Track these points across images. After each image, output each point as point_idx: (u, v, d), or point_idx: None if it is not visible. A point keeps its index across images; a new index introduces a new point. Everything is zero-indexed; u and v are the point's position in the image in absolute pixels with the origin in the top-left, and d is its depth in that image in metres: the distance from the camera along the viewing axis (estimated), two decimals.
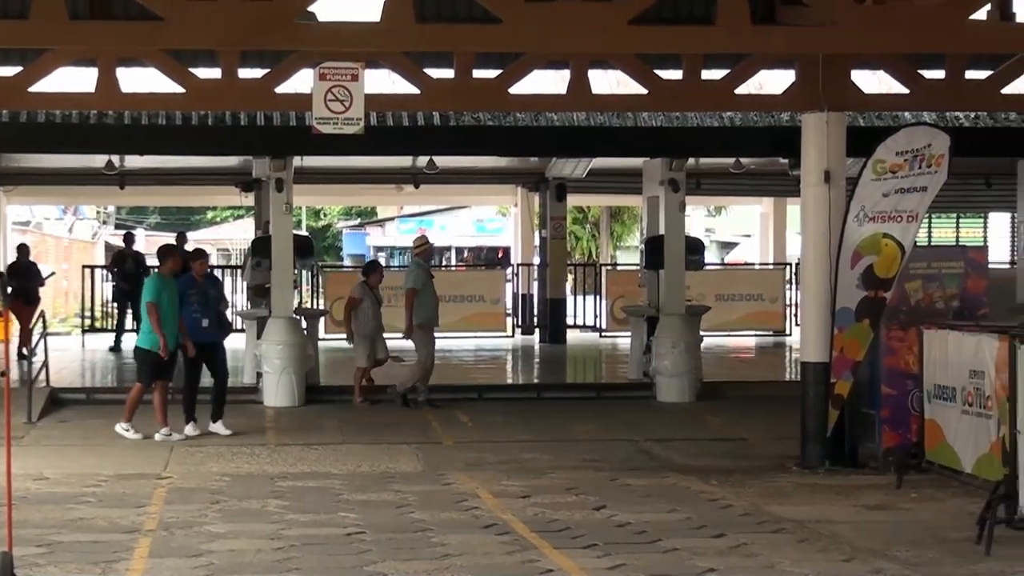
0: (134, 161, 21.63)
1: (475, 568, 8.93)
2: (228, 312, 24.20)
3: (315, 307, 22.85)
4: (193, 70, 13.24)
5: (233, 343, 21.44)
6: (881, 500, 11.17)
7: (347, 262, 48.61)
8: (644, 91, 13.36)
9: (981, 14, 11.92)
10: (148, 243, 46.04)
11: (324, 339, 21.05)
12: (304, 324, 17.59)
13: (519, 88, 13.41)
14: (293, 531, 10.00)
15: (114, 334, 23.08)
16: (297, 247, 17.56)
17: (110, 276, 24.05)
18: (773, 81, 14.78)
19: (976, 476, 10.84)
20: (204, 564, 9.02)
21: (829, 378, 12.57)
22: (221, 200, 35.54)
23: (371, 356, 17.05)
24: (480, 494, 11.41)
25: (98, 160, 21.33)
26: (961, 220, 33.11)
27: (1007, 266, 24.09)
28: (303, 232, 33.59)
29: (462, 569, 8.89)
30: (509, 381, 20.53)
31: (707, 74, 13.44)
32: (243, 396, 17.17)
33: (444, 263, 47.81)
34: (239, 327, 19.97)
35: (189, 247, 20.36)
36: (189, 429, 14.38)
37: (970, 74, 13.33)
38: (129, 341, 22.56)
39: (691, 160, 19.44)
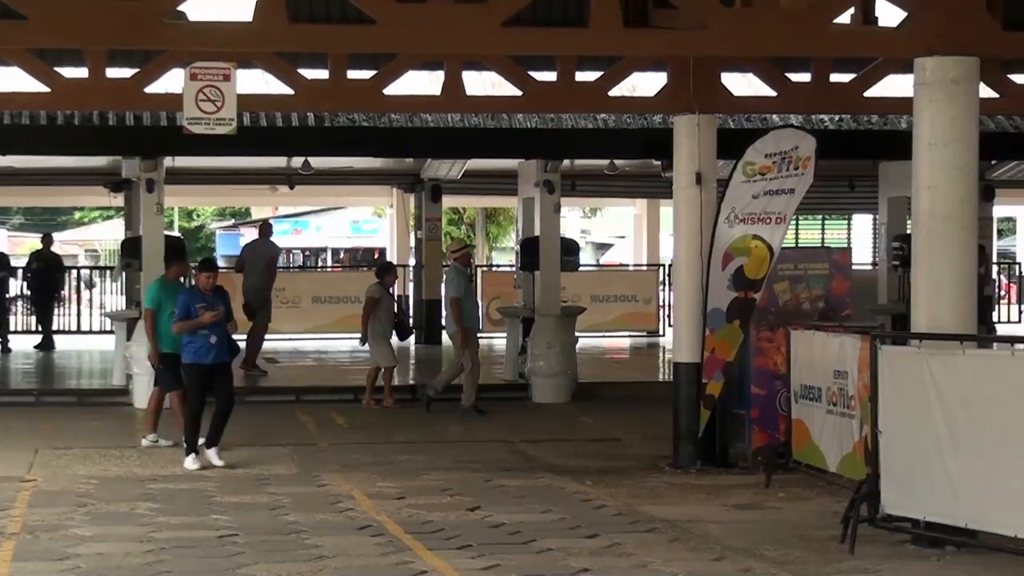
0: None
1: (349, 570, 8.91)
2: (96, 312, 23.68)
3: None
4: (59, 69, 13.00)
5: (104, 344, 21.23)
6: (750, 499, 11.33)
7: (221, 263, 48.01)
8: (518, 92, 13.43)
9: (845, 18, 12.15)
10: (12, 244, 45.06)
11: None
12: None
13: (393, 89, 13.39)
14: (163, 534, 9.88)
15: None
16: (169, 248, 17.33)
17: None
18: (646, 83, 14.95)
19: (841, 475, 11.01)
20: (70, 567, 8.88)
21: (701, 378, 12.72)
22: (89, 200, 34.95)
23: (393, 355, 16.83)
24: (355, 495, 11.38)
25: None
26: (826, 222, 33.79)
27: (869, 267, 24.57)
28: (175, 233, 33.18)
29: (336, 571, 8.86)
30: None
31: (581, 76, 13.54)
32: (113, 398, 16.96)
33: (320, 264, 47.58)
34: (109, 328, 19.67)
35: (58, 248, 20.02)
36: (189, 462, 12.74)
37: (835, 77, 13.60)
38: None
39: (566, 162, 19.55)
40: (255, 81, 14.04)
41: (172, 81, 12.89)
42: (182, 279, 14.18)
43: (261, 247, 20.52)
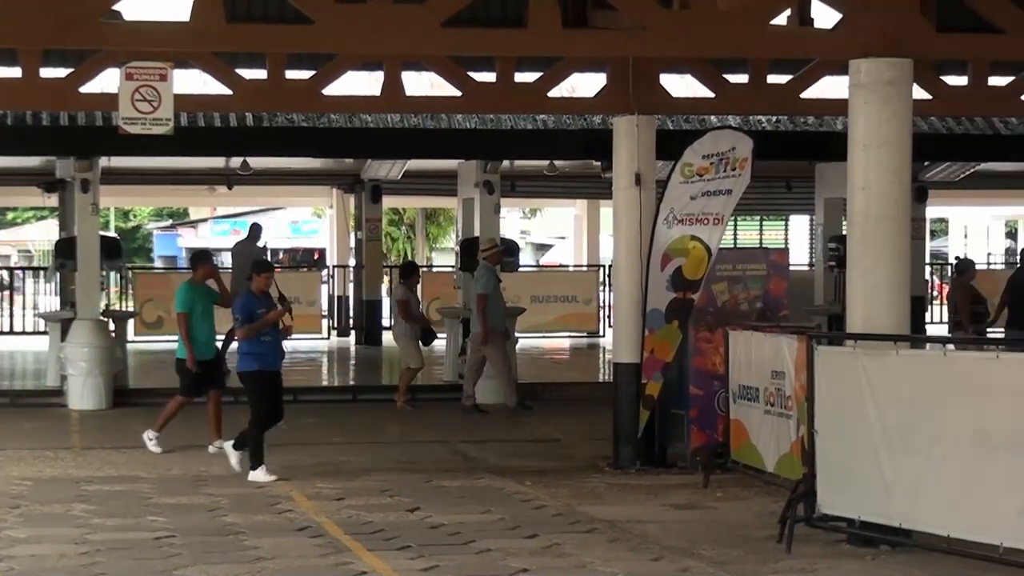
0: None
1: (288, 571, 8.87)
2: (28, 313, 23.36)
3: (124, 309, 22.44)
4: None
5: (37, 345, 21.03)
6: (689, 499, 11.38)
7: (158, 264, 47.76)
8: (458, 93, 13.43)
9: (782, 19, 12.23)
10: None
11: (133, 341, 20.65)
12: (112, 326, 17.30)
13: (333, 89, 13.35)
14: (99, 535, 9.80)
15: None
16: (105, 249, 17.25)
17: None
18: (585, 84, 14.99)
19: (778, 475, 11.05)
20: (4, 570, 8.78)
21: (640, 379, 12.77)
22: (22, 201, 34.57)
23: (421, 356, 16.84)
24: (294, 496, 11.33)
25: None
26: (764, 223, 34.03)
27: (806, 268, 24.76)
28: (111, 233, 32.94)
29: (275, 572, 8.83)
30: (324, 383, 20.40)
31: (520, 77, 13.57)
32: (47, 399, 16.81)
33: None
34: (42, 328, 19.46)
35: None
36: (261, 474, 12.08)
37: (771, 78, 13.69)
38: None
39: (505, 162, 19.59)
40: (192, 81, 13.95)
41: (108, 81, 12.78)
42: (209, 282, 13.84)
43: (245, 248, 20.48)
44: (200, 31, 10.56)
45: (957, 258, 20.95)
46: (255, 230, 21.21)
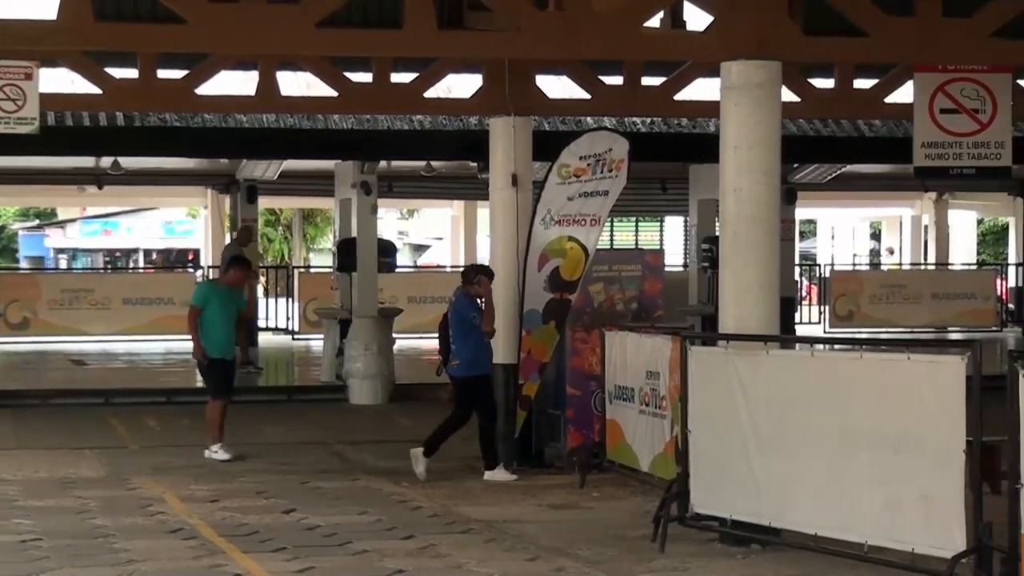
0: None
1: (160, 573, 8.76)
2: None
3: None
4: None
5: None
6: (565, 499, 11.43)
7: (24, 264, 46.81)
8: (334, 93, 13.37)
9: (655, 22, 12.33)
10: None
11: None
12: None
13: (206, 89, 13.21)
14: None
15: None
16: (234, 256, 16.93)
17: None
18: (462, 85, 15.02)
19: (653, 475, 11.17)
20: None
21: (517, 379, 12.81)
22: None
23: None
24: (167, 499, 11.19)
25: None
26: (640, 224, 34.36)
27: (681, 269, 25.03)
28: None
29: (146, 575, 8.70)
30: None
31: (396, 77, 13.54)
32: None
33: (132, 265, 46.72)
34: None
35: None
36: (501, 473, 12.29)
37: (646, 80, 13.82)
38: None
39: (383, 163, 19.52)
40: (60, 80, 13.71)
41: None
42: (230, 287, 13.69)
43: (235, 249, 20.22)
44: (68, 29, 10.37)
45: None
46: (247, 232, 20.97)
